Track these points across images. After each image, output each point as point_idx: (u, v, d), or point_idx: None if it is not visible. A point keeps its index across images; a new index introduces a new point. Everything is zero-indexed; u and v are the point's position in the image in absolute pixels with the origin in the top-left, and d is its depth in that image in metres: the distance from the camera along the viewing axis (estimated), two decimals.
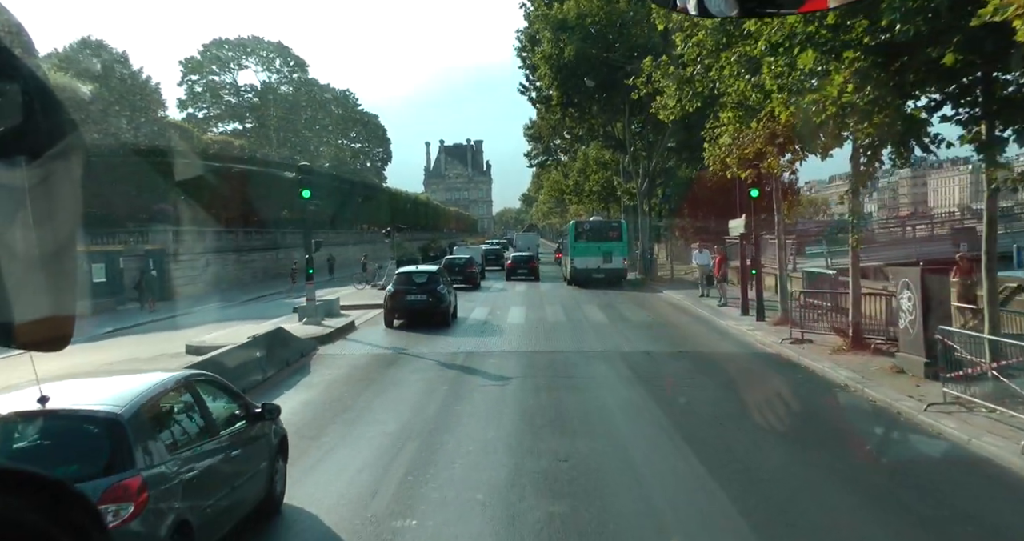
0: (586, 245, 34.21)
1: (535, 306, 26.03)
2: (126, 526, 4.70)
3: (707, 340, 17.78)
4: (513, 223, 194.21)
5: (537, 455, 8.64)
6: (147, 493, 4.87)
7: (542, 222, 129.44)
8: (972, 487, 7.64)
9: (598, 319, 22.02)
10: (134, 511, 4.77)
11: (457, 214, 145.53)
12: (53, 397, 4.91)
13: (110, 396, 5.51)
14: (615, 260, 33.86)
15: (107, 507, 4.65)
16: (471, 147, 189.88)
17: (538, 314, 23.62)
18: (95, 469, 4.93)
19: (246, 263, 46.52)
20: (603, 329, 19.86)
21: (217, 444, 6.06)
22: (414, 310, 20.59)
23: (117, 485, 4.80)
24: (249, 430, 6.71)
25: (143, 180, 35.79)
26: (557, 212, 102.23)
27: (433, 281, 21.24)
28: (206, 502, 5.64)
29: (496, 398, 11.78)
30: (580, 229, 35.78)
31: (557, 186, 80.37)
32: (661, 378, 13.38)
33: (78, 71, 35.99)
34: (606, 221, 41.06)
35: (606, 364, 14.85)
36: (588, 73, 38.73)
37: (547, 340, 18.05)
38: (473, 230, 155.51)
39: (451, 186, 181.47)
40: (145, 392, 5.63)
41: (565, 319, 22.13)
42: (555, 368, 14.50)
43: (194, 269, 38.23)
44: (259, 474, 6.68)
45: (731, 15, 3.90)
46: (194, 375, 6.82)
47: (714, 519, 6.87)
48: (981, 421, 9.25)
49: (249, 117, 73.84)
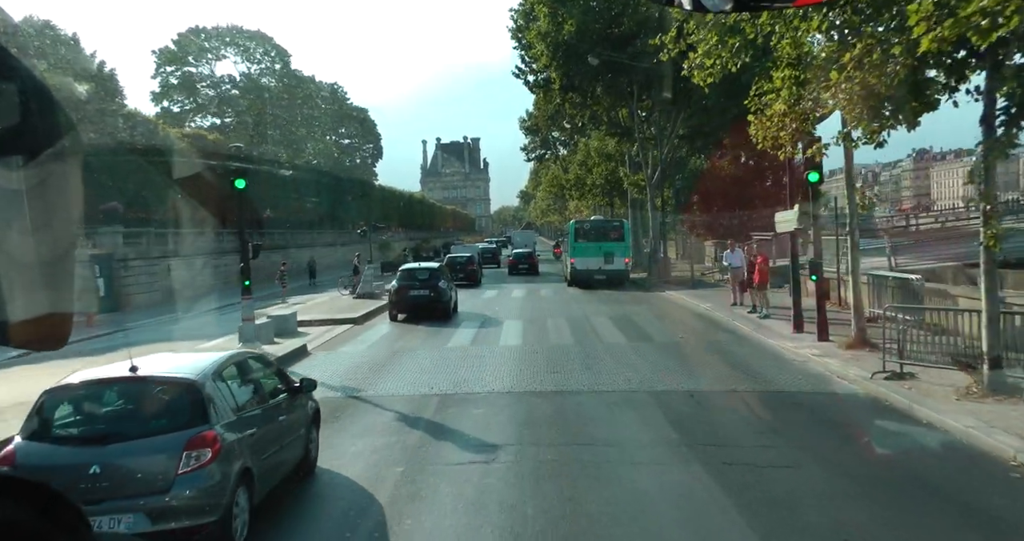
0: (586, 245, 32.45)
1: (535, 319, 21.63)
2: (207, 467, 5.92)
3: (764, 371, 13.37)
4: (511, 221, 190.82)
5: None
6: (219, 443, 6.07)
7: (540, 220, 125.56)
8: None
9: (613, 338, 17.64)
10: (211, 456, 5.96)
11: (454, 212, 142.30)
12: (141, 368, 6.45)
13: (186, 366, 6.88)
14: (617, 261, 32.19)
15: (191, 452, 5.90)
16: (468, 144, 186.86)
17: (538, 331, 19.27)
18: (179, 423, 6.16)
19: (219, 267, 41.80)
20: (622, 354, 15.48)
21: (267, 410, 7.33)
22: (417, 304, 21.54)
23: (197, 436, 6.00)
24: (291, 401, 7.88)
25: (89, 177, 31.45)
26: (556, 209, 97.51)
27: (435, 277, 22.29)
28: (262, 456, 6.78)
29: (472, 499, 7.38)
30: (580, 229, 33.87)
31: (556, 181, 75.90)
32: (725, 445, 8.98)
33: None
34: (607, 220, 38.87)
35: (637, 416, 10.47)
36: (590, 51, 34.29)
37: (551, 373, 13.66)
38: (471, 228, 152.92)
39: (448, 184, 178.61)
40: (213, 364, 6.88)
41: (572, 339, 17.73)
42: (564, 424, 10.12)
43: (151, 275, 33.92)
44: (299, 439, 7.86)
45: (725, 10, 4.32)
46: (246, 353, 8.40)
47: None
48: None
49: (229, 111, 69.26)
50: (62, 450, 6.13)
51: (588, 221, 37.20)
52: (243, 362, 7.61)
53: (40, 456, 5.96)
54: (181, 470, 5.90)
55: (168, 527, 5.76)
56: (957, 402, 9.99)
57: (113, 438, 6.08)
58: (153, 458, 5.99)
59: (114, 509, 5.68)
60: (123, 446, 6.01)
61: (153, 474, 5.91)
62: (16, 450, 6.01)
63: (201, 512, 5.89)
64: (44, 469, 5.80)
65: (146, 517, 5.72)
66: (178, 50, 67.05)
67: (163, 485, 5.85)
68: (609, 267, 31.76)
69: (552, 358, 15.14)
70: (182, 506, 5.85)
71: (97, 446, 5.99)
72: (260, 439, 6.84)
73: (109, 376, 6.64)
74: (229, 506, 6.09)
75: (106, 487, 5.71)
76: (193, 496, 5.88)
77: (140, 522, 5.69)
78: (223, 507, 6.02)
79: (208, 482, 5.95)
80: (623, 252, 32.87)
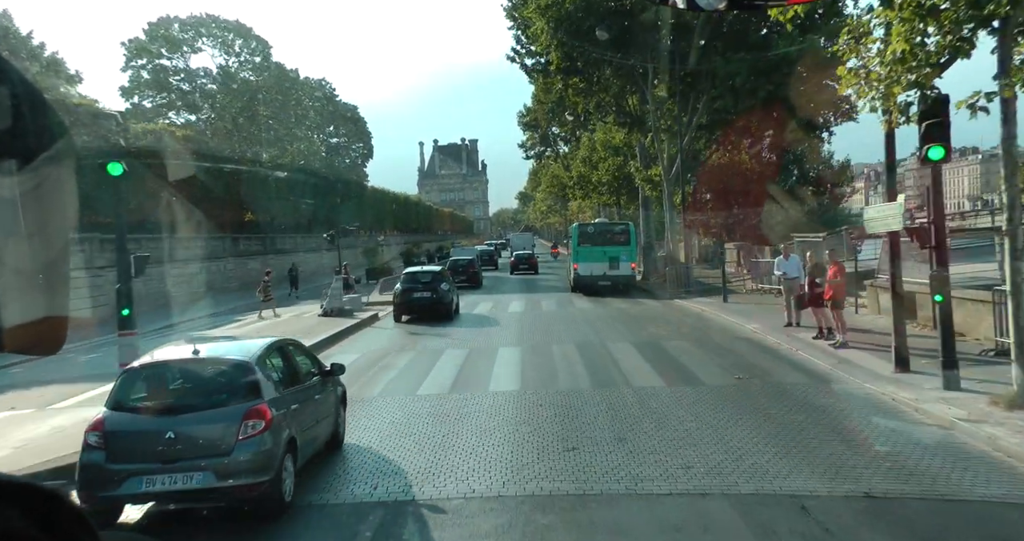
0: (590, 250, 30.26)
1: (537, 346, 16.90)
2: (261, 435, 6.89)
3: (901, 449, 8.47)
4: (510, 223, 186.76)
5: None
6: (271, 414, 7.04)
7: (540, 222, 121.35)
8: None
9: (645, 379, 12.89)
10: (265, 426, 6.93)
11: (451, 215, 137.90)
12: (201, 351, 7.69)
13: (240, 348, 8.11)
14: (623, 266, 30.07)
15: (248, 422, 6.89)
16: (466, 146, 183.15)
17: (542, 365, 14.57)
18: (237, 397, 7.16)
19: (179, 278, 37.06)
20: (665, 409, 10.72)
21: (305, 389, 8.29)
22: (420, 306, 22.58)
23: (253, 408, 6.98)
24: (324, 382, 8.90)
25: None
26: (557, 210, 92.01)
27: (437, 280, 23.32)
28: (303, 428, 7.79)
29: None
30: (584, 232, 31.92)
31: (557, 181, 71.39)
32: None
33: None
34: (612, 222, 37.33)
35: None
36: (597, 25, 29.60)
37: (566, 451, 8.81)
38: (469, 231, 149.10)
39: (445, 186, 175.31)
40: (260, 348, 7.91)
41: (589, 380, 12.96)
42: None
43: (96, 288, 29.06)
44: (330, 417, 8.91)
45: (719, 9, 5.27)
46: (285, 340, 9.01)
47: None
48: None
49: (205, 107, 64.41)
50: (141, 418, 7.14)
51: (592, 224, 35.13)
52: (284, 347, 8.59)
53: (123, 423, 7.01)
54: (240, 437, 6.89)
55: (231, 484, 6.75)
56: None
57: (182, 409, 7.16)
58: (217, 426, 6.97)
59: (187, 468, 6.71)
60: (191, 416, 7.04)
61: (217, 439, 6.89)
62: (104, 418, 7.00)
63: (258, 472, 6.87)
64: (128, 434, 6.91)
65: (213, 475, 6.73)
66: (149, 41, 62.05)
67: (226, 449, 6.85)
68: (615, 273, 29.71)
69: (565, 418, 10.40)
70: (242, 467, 6.82)
71: (170, 416, 7.02)
72: (301, 413, 7.90)
73: (176, 357, 7.88)
74: (280, 468, 7.11)
75: (179, 449, 6.76)
76: (250, 459, 6.86)
77: (208, 479, 6.73)
78: (275, 469, 7.02)
79: (262, 447, 6.94)
80: (629, 256, 30.55)
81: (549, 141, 71.04)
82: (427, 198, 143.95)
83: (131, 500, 6.99)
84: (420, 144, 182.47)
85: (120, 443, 6.84)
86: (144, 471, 6.71)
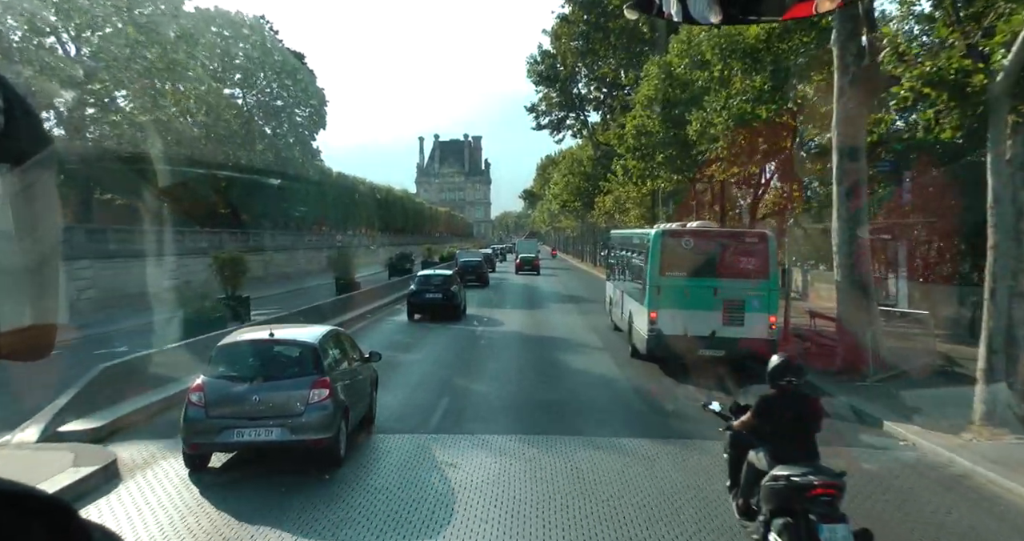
0: (689, 283, 15.59)
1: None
2: (325, 402, 8.77)
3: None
4: (513, 227, 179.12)
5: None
6: (331, 386, 8.92)
7: (547, 226, 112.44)
8: None
9: None
10: (327, 394, 8.82)
11: (448, 215, 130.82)
12: (276, 334, 9.73)
13: (305, 333, 10.08)
14: (751, 321, 15.36)
15: (314, 390, 8.79)
16: (469, 143, 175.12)
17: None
18: (305, 371, 9.08)
19: (77, 283, 26.13)
20: None
21: (352, 370, 10.31)
22: (432, 306, 25.11)
23: (319, 380, 8.89)
24: (364, 366, 10.91)
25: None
26: (574, 211, 67.76)
27: (447, 283, 25.75)
28: (351, 401, 9.65)
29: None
30: (676, 245, 15.89)
31: (577, 169, 55.08)
32: None
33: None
34: (734, 232, 18.97)
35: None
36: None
37: None
38: (467, 234, 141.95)
39: (445, 185, 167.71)
40: (322, 333, 10.03)
41: None
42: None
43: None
44: (367, 396, 10.83)
45: (714, 24, 4.54)
46: (337, 330, 11.16)
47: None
48: None
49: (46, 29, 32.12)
50: (232, 385, 8.91)
51: (690, 233, 16.39)
52: (336, 334, 10.62)
53: (219, 388, 8.82)
54: (310, 401, 8.73)
55: (302, 438, 8.67)
56: None
57: (264, 378, 8.96)
58: (291, 393, 8.84)
59: (269, 424, 8.61)
60: (271, 383, 8.94)
61: (291, 403, 8.74)
62: (204, 383, 8.85)
63: (322, 430, 8.73)
64: (224, 396, 8.72)
65: (288, 430, 8.64)
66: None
67: (298, 411, 8.70)
68: (733, 333, 15.24)
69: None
70: (310, 425, 8.68)
71: (254, 383, 8.87)
72: (349, 389, 9.69)
73: (256, 338, 9.79)
74: (338, 429, 8.92)
75: (263, 410, 8.65)
76: (317, 419, 8.72)
77: (284, 434, 8.62)
78: (335, 428, 8.86)
79: (326, 411, 8.78)
80: (766, 303, 15.49)
81: (574, 102, 52.88)
82: (425, 197, 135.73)
83: (223, 448, 8.89)
84: (420, 139, 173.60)
85: (216, 402, 8.66)
86: (235, 425, 8.56)
